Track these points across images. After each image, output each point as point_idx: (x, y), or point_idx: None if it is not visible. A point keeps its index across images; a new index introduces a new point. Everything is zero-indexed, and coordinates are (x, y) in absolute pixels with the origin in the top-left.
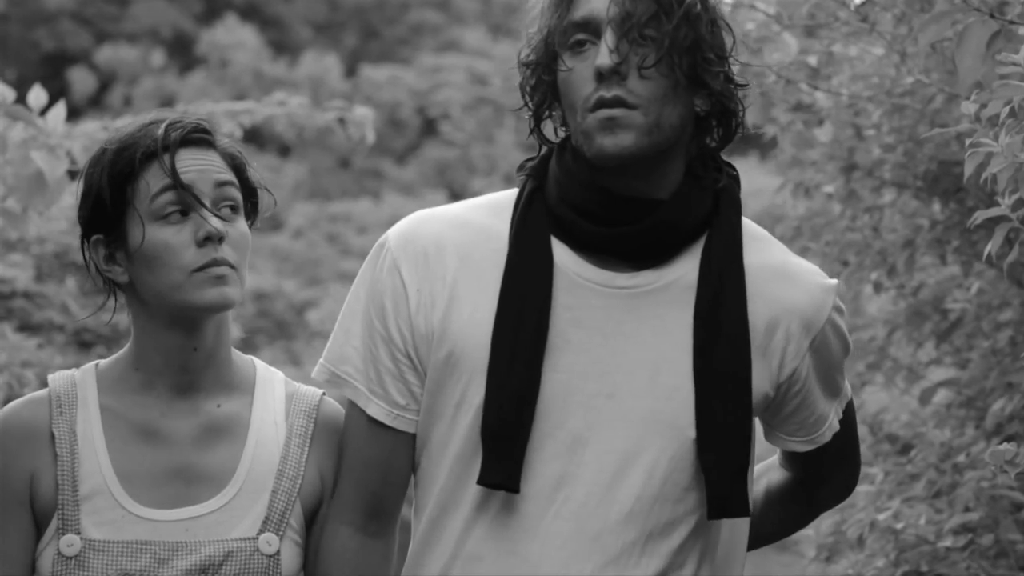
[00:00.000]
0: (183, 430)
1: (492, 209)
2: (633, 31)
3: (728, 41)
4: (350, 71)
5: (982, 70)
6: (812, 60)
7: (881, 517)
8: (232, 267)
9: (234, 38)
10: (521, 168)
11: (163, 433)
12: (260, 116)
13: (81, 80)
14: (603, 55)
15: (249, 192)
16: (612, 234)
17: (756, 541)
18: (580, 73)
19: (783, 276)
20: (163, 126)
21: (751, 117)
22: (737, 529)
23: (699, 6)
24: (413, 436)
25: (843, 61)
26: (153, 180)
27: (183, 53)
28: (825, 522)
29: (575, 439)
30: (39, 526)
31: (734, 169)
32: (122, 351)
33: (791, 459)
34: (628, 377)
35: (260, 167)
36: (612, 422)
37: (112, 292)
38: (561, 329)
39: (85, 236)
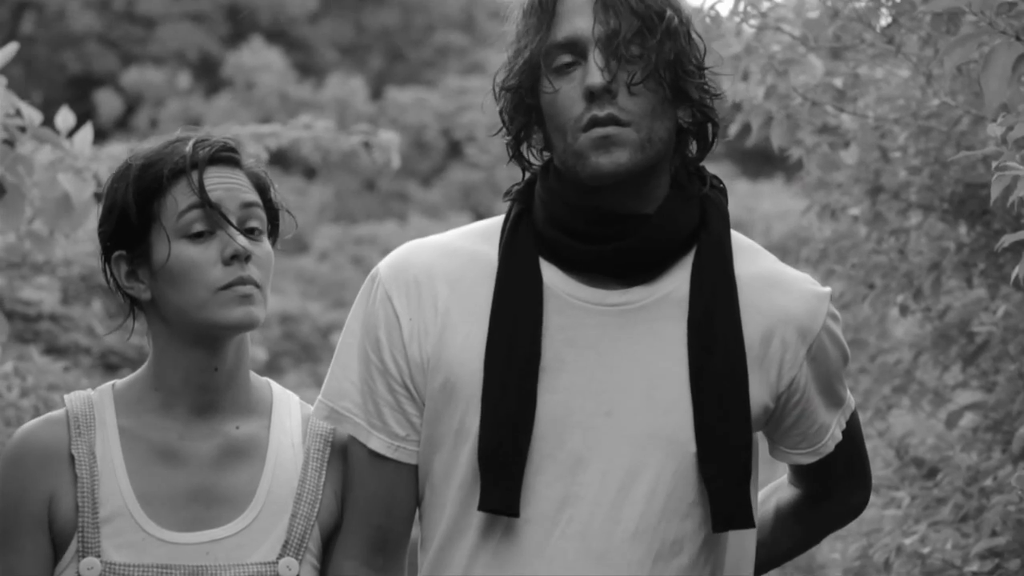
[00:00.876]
0: (202, 451)
1: (481, 235)
2: (620, 48)
3: (701, 52)
4: (375, 93)
5: (1008, 93)
6: (838, 82)
7: (908, 541)
8: (257, 286)
9: (260, 60)
10: (507, 193)
11: (182, 455)
12: (286, 139)
13: (107, 102)
14: (594, 74)
15: (272, 213)
16: (600, 252)
17: (769, 562)
18: (567, 94)
19: (775, 285)
20: (191, 143)
21: (776, 139)
22: (744, 545)
23: (677, 19)
24: (415, 468)
25: (869, 83)
26: (181, 197)
27: (209, 75)
28: (852, 546)
29: (576, 459)
30: (57, 548)
31: (719, 181)
32: (139, 371)
33: (799, 474)
34: (625, 394)
35: (285, 189)
36: (612, 440)
37: (132, 310)
38: (556, 350)
39: (107, 252)
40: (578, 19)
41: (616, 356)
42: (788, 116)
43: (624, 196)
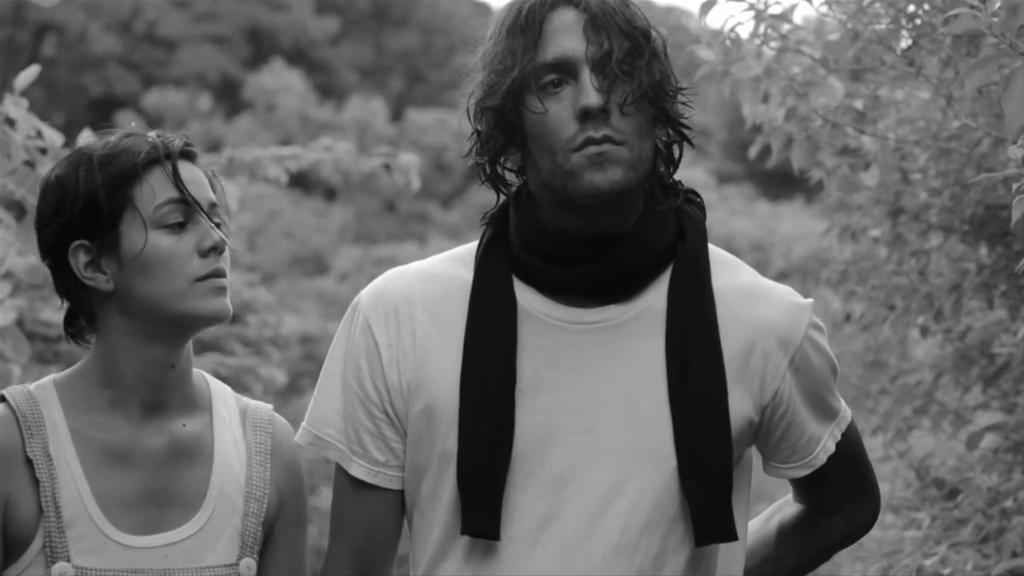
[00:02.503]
0: (152, 451)
1: (460, 260)
2: (613, 69)
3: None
4: (396, 115)
5: None
6: (858, 104)
7: (928, 563)
8: (225, 276)
9: (280, 82)
10: (482, 219)
11: (134, 455)
12: (306, 161)
13: (128, 124)
14: (590, 95)
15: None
16: (574, 275)
17: None
18: (557, 114)
19: (754, 296)
20: (153, 135)
21: (797, 161)
22: (732, 561)
23: (659, 40)
24: (399, 493)
25: (889, 105)
26: (159, 186)
27: (230, 97)
28: (872, 567)
29: (558, 478)
30: (10, 550)
31: (697, 195)
32: (82, 366)
33: (798, 489)
34: (605, 411)
35: (305, 211)
36: (593, 458)
37: (81, 305)
38: (535, 371)
39: (61, 242)
40: (567, 39)
41: (595, 374)
42: (808, 138)
43: (602, 217)
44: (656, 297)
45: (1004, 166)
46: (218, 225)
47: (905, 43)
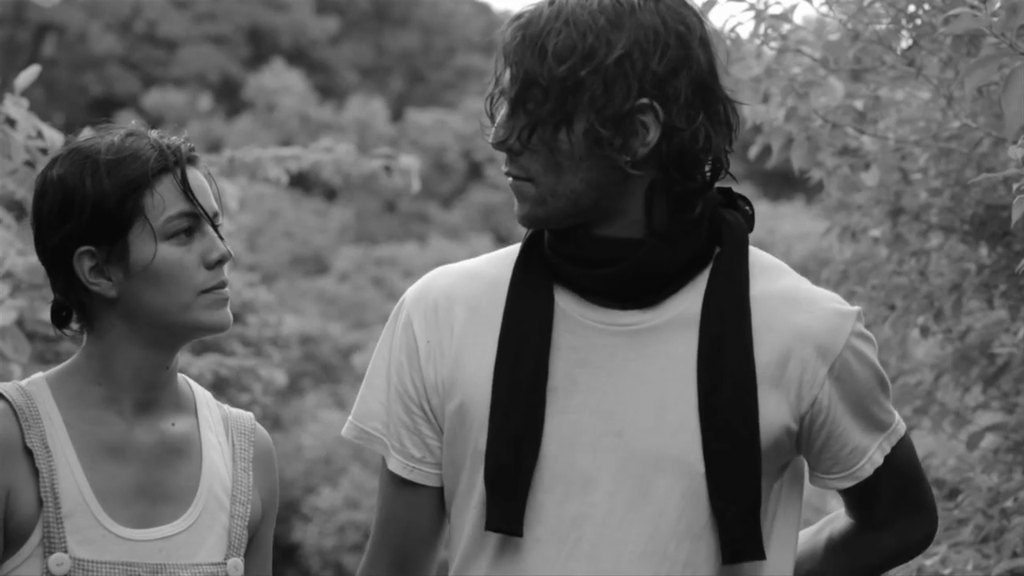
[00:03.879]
0: (146, 448)
1: (504, 261)
2: (517, 106)
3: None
4: (396, 115)
5: None
6: (858, 104)
7: (928, 563)
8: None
9: (281, 83)
10: None
11: (128, 450)
12: (307, 162)
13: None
14: (494, 132)
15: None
16: (596, 276)
17: None
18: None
19: (793, 303)
20: (155, 136)
21: (797, 161)
22: (780, 571)
23: (565, 69)
24: (436, 491)
25: (889, 105)
26: (169, 197)
27: (230, 97)
28: None
29: (586, 480)
30: (10, 543)
31: (747, 202)
32: (74, 363)
33: (849, 503)
34: (635, 414)
35: (306, 211)
36: (622, 461)
37: (80, 307)
38: (568, 371)
39: (67, 248)
40: (500, 68)
41: (627, 376)
42: (808, 138)
43: (593, 226)
44: (691, 301)
45: (1004, 166)
46: (220, 233)
47: (905, 43)
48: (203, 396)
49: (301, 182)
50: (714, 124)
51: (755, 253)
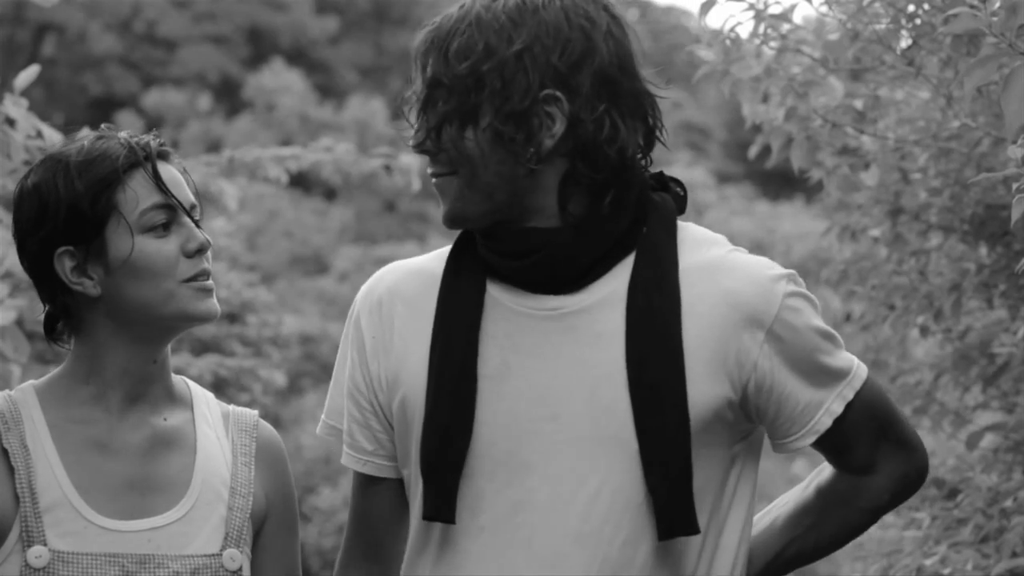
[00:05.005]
0: (133, 442)
1: (444, 256)
2: (426, 107)
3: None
4: (396, 114)
5: None
6: (858, 104)
7: (928, 562)
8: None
9: (280, 82)
10: None
11: (114, 445)
12: (307, 161)
13: (128, 124)
14: (414, 135)
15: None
16: (520, 266)
17: (815, 549)
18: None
19: (722, 271)
20: (125, 136)
21: (796, 161)
22: (725, 551)
23: (455, 72)
24: (396, 482)
25: (889, 105)
26: (142, 191)
27: (230, 97)
28: (872, 567)
29: (525, 465)
30: None
31: (681, 186)
32: (61, 368)
33: (826, 456)
34: (569, 397)
35: (306, 211)
36: (558, 444)
37: (67, 310)
38: (502, 358)
39: (46, 250)
40: (414, 73)
41: (559, 360)
42: (808, 138)
43: (515, 222)
44: (619, 282)
45: (1004, 166)
46: (197, 223)
47: (905, 43)
48: (201, 394)
49: (301, 182)
50: (622, 115)
51: (687, 228)
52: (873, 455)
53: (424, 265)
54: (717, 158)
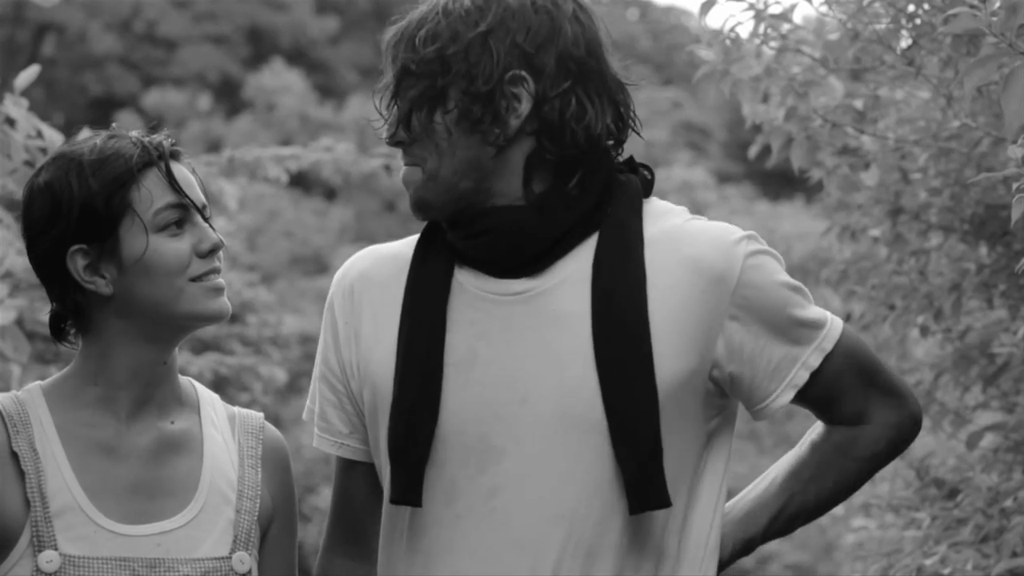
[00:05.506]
0: (140, 445)
1: (415, 242)
2: (395, 98)
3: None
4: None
5: None
6: (858, 104)
7: (928, 562)
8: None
9: (280, 82)
10: None
11: (121, 449)
12: (307, 161)
13: (128, 124)
14: (388, 128)
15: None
16: (478, 244)
17: (817, 505)
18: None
19: (681, 239)
20: (139, 136)
21: (797, 161)
22: (699, 523)
23: (426, 59)
24: (371, 466)
25: (889, 105)
26: (156, 190)
27: (230, 97)
28: (872, 567)
29: (496, 451)
30: (1, 544)
31: (649, 171)
32: (69, 369)
33: (816, 413)
34: (537, 379)
35: (306, 210)
36: (528, 427)
37: (77, 309)
38: (469, 344)
39: (59, 249)
40: (386, 67)
41: (526, 343)
42: (808, 138)
43: (473, 205)
44: (583, 261)
45: (1004, 166)
46: (209, 223)
47: (905, 43)
48: (207, 396)
49: (301, 182)
50: (588, 94)
51: (652, 202)
52: (863, 404)
53: (398, 250)
54: (717, 158)
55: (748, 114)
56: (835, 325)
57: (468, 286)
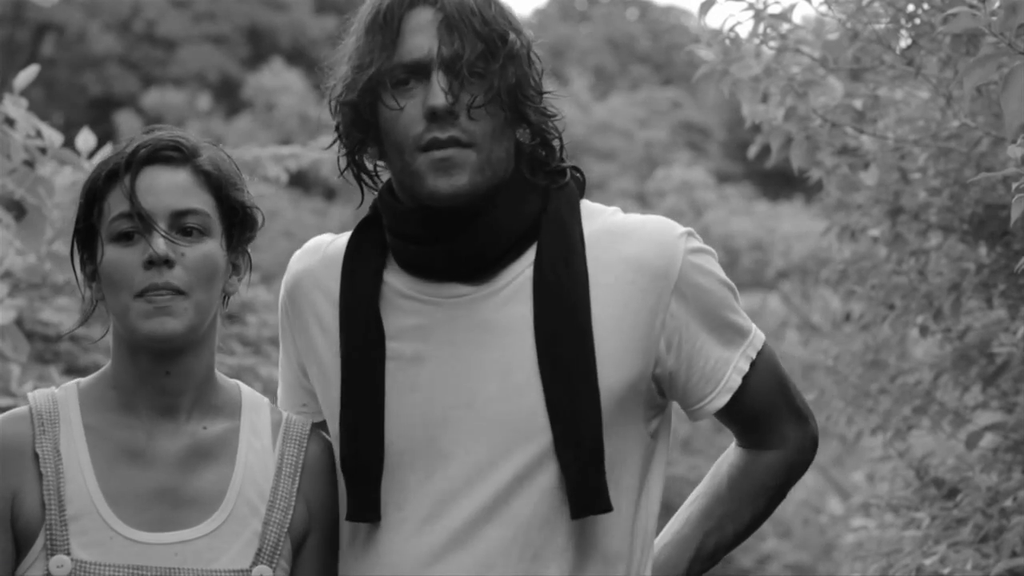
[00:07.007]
0: (169, 452)
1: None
2: (463, 71)
3: (540, 74)
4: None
5: None
6: (858, 104)
7: (928, 562)
8: (181, 292)
9: (280, 82)
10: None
11: (148, 455)
12: (306, 160)
13: (128, 124)
14: (437, 95)
15: (231, 210)
16: (432, 252)
17: (735, 535)
18: (408, 113)
19: (619, 236)
20: (134, 144)
21: (796, 161)
22: (638, 529)
23: (519, 43)
24: None
25: (889, 105)
26: (114, 200)
27: (229, 97)
28: (872, 567)
29: (443, 455)
30: (20, 547)
31: (579, 172)
32: (103, 369)
33: (735, 428)
34: (482, 383)
35: (305, 210)
36: (473, 431)
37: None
38: (415, 349)
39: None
40: (422, 38)
41: (470, 346)
42: (808, 137)
43: (462, 208)
44: (524, 266)
45: (1004, 165)
46: (189, 231)
47: (904, 42)
48: (253, 402)
49: (300, 181)
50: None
51: (587, 204)
52: (776, 425)
53: (337, 246)
54: (717, 158)
55: (747, 114)
56: (758, 335)
57: (409, 292)
